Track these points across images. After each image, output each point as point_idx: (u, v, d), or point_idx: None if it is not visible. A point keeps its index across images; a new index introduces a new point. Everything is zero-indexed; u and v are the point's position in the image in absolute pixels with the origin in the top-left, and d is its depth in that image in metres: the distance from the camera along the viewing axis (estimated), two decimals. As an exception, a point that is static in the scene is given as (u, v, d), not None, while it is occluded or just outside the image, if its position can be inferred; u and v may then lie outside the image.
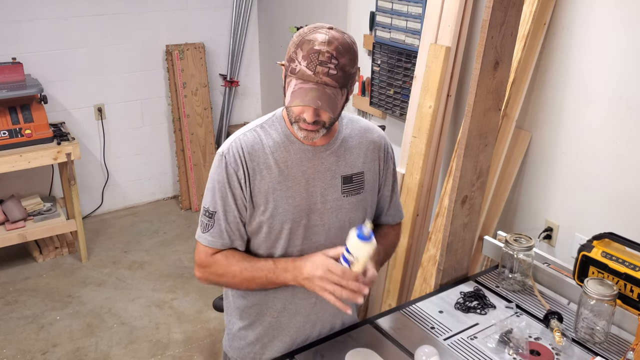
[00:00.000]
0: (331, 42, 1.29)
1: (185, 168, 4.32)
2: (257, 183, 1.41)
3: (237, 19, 4.34)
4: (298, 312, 1.53)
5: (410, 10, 2.68)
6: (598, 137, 2.02)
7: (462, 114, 2.54)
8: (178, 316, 3.19)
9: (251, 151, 1.41)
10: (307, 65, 1.28)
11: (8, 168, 3.29)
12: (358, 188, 1.49)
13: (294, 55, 1.30)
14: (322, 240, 1.47)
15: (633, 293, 1.51)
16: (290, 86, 1.30)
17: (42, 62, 3.76)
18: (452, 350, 1.51)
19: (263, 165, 1.41)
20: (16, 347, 2.93)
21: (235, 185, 1.41)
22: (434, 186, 2.64)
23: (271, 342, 1.56)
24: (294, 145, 1.43)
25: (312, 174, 1.44)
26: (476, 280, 1.84)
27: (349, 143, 1.49)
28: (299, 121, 1.35)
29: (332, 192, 1.46)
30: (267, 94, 4.68)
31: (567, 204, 2.17)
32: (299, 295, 1.50)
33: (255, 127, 1.45)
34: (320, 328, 1.57)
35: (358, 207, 1.50)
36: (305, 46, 1.29)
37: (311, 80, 1.28)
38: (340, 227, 1.47)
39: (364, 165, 1.50)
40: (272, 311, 1.53)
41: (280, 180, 1.41)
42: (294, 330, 1.54)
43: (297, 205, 1.43)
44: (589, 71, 2.02)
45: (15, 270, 3.60)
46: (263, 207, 1.42)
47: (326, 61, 1.28)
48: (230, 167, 1.40)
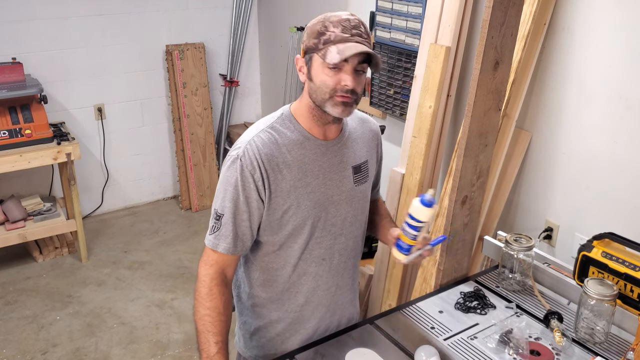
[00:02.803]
0: (354, 15, 1.36)
1: (185, 168, 4.32)
2: (278, 183, 1.41)
3: (237, 19, 4.34)
4: (320, 303, 1.55)
5: (410, 10, 2.68)
6: (598, 137, 2.02)
7: (462, 114, 2.54)
8: (178, 316, 3.19)
9: (268, 152, 1.40)
10: (342, 31, 1.33)
11: (8, 168, 3.29)
12: (365, 176, 1.55)
13: (323, 30, 1.34)
14: (339, 231, 1.51)
15: (633, 293, 1.51)
16: (330, 54, 1.31)
17: (42, 62, 3.76)
18: (452, 351, 1.51)
19: (282, 165, 1.41)
20: (16, 347, 2.93)
21: (250, 188, 1.39)
22: (434, 186, 2.64)
23: (293, 336, 1.57)
24: (309, 141, 1.44)
25: (327, 168, 1.46)
26: (476, 280, 1.84)
27: (354, 134, 1.54)
28: (334, 95, 1.34)
29: (346, 183, 1.50)
30: (267, 94, 4.67)
31: (567, 204, 2.17)
32: (321, 287, 1.53)
33: (266, 128, 1.44)
34: (340, 317, 1.61)
35: (366, 194, 1.56)
36: (332, 19, 1.34)
37: (351, 41, 1.32)
38: (354, 215, 1.53)
39: (367, 154, 1.56)
40: (294, 306, 1.55)
41: (300, 178, 1.43)
42: (316, 321, 1.57)
43: (318, 200, 1.45)
44: (589, 71, 2.02)
45: (15, 270, 3.60)
46: (285, 205, 1.42)
47: (358, 25, 1.34)
48: (246, 169, 1.38)
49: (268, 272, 1.53)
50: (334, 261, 1.53)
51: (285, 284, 1.52)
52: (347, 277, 1.59)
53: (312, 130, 1.44)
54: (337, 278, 1.56)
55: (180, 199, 4.43)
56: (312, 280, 1.52)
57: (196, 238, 3.99)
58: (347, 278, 1.60)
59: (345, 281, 1.59)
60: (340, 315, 1.61)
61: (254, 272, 1.55)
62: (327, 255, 1.51)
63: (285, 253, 1.49)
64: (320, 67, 1.34)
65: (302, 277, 1.51)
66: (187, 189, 4.36)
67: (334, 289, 1.56)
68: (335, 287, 1.56)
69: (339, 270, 1.55)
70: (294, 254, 1.48)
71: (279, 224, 1.45)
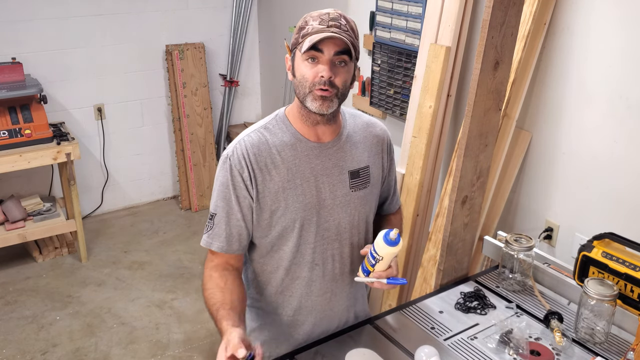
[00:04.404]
0: (336, 11, 1.37)
1: (185, 168, 4.32)
2: (266, 183, 1.41)
3: (237, 19, 4.34)
4: (314, 308, 1.54)
5: (410, 10, 2.68)
6: (598, 137, 2.02)
7: (462, 114, 2.54)
8: (178, 316, 3.19)
9: (257, 152, 1.41)
10: (319, 23, 1.33)
11: (8, 168, 3.29)
12: (365, 182, 1.51)
13: (303, 25, 1.36)
14: (334, 236, 1.49)
15: (633, 293, 1.51)
16: (304, 44, 1.32)
17: (42, 62, 3.76)
18: (452, 351, 1.51)
19: (271, 165, 1.41)
20: (16, 347, 2.93)
21: (239, 187, 1.40)
22: (434, 186, 2.64)
23: (287, 341, 1.57)
24: (301, 143, 1.43)
25: (320, 171, 1.45)
26: (476, 280, 1.84)
27: (354, 138, 1.50)
28: (313, 89, 1.34)
29: (341, 188, 1.47)
30: (267, 94, 4.67)
31: (567, 204, 2.17)
32: (315, 292, 1.52)
33: (259, 128, 1.45)
34: (337, 322, 1.59)
35: (366, 200, 1.52)
36: (313, 14, 1.36)
37: (326, 31, 1.32)
38: (350, 221, 1.50)
39: (369, 160, 1.52)
40: (288, 310, 1.54)
41: (290, 179, 1.42)
42: (310, 327, 1.56)
43: (308, 202, 1.44)
44: (589, 71, 2.02)
45: (15, 270, 3.60)
46: (273, 206, 1.42)
47: (337, 18, 1.35)
48: (234, 168, 1.40)
49: (262, 275, 1.53)
50: (328, 267, 1.51)
51: (279, 287, 1.52)
52: (343, 283, 1.56)
53: (304, 132, 1.44)
54: (332, 284, 1.54)
55: (180, 199, 4.43)
56: (305, 285, 1.51)
57: (196, 238, 3.99)
58: (344, 285, 1.56)
59: (341, 288, 1.56)
60: (337, 321, 1.60)
61: (250, 273, 1.56)
62: (320, 261, 1.49)
63: (277, 255, 1.49)
64: (299, 61, 1.36)
65: (295, 281, 1.51)
66: (187, 189, 4.36)
67: (329, 295, 1.54)
68: (331, 293, 1.54)
69: (334, 276, 1.53)
70: (286, 256, 1.48)
71: (268, 225, 1.45)
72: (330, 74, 1.33)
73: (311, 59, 1.33)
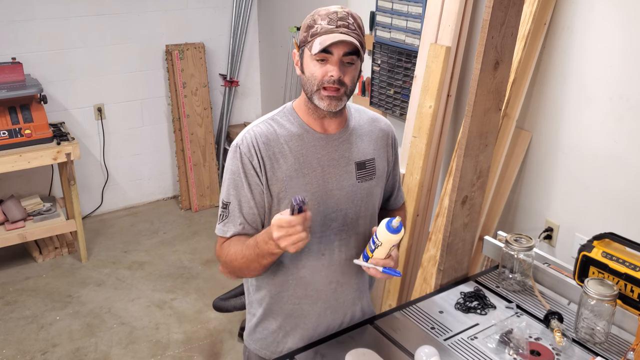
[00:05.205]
0: (343, 8, 1.39)
1: (185, 168, 4.32)
2: (275, 171, 1.44)
3: (237, 19, 4.34)
4: (319, 297, 1.55)
5: (410, 10, 2.68)
6: (598, 137, 2.02)
7: (462, 114, 2.54)
8: (178, 316, 3.19)
9: (265, 141, 1.44)
10: (328, 23, 1.36)
11: (8, 168, 3.29)
12: (371, 174, 1.54)
13: (311, 23, 1.39)
14: (340, 226, 1.50)
15: (633, 293, 1.51)
16: (314, 45, 1.35)
17: (42, 62, 3.76)
18: (452, 351, 1.51)
19: (279, 154, 1.44)
20: (16, 347, 2.93)
21: (251, 174, 1.43)
22: (434, 186, 2.64)
23: (293, 330, 1.57)
24: (308, 134, 1.46)
25: (327, 162, 1.47)
26: (476, 280, 1.84)
27: (360, 131, 1.54)
28: (321, 87, 1.38)
29: (347, 179, 1.49)
30: (267, 94, 4.67)
31: (567, 204, 2.17)
32: (320, 281, 1.53)
33: (267, 120, 1.49)
34: (342, 316, 1.60)
35: (371, 192, 1.54)
36: (321, 12, 1.38)
37: (335, 32, 1.35)
38: (356, 212, 1.52)
39: (374, 152, 1.55)
40: (293, 298, 1.55)
41: (297, 168, 1.44)
42: (315, 317, 1.56)
43: (314, 192, 1.45)
44: (589, 71, 2.02)
45: (15, 270, 3.60)
46: (281, 194, 1.44)
47: (345, 17, 1.37)
48: (244, 156, 1.43)
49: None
50: (334, 257, 1.52)
51: (284, 276, 1.53)
52: (350, 275, 1.57)
53: (311, 123, 1.47)
54: (338, 275, 1.55)
55: (180, 199, 4.42)
56: (311, 274, 1.52)
57: (196, 238, 3.99)
58: (350, 276, 1.57)
59: (347, 279, 1.57)
60: (342, 314, 1.60)
61: None
62: (326, 251, 1.51)
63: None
64: (309, 59, 1.39)
65: (300, 270, 1.52)
66: (187, 189, 4.36)
67: (334, 286, 1.55)
68: (336, 283, 1.55)
69: (340, 266, 1.54)
70: None
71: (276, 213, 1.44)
72: (340, 73, 1.36)
73: (320, 59, 1.37)
